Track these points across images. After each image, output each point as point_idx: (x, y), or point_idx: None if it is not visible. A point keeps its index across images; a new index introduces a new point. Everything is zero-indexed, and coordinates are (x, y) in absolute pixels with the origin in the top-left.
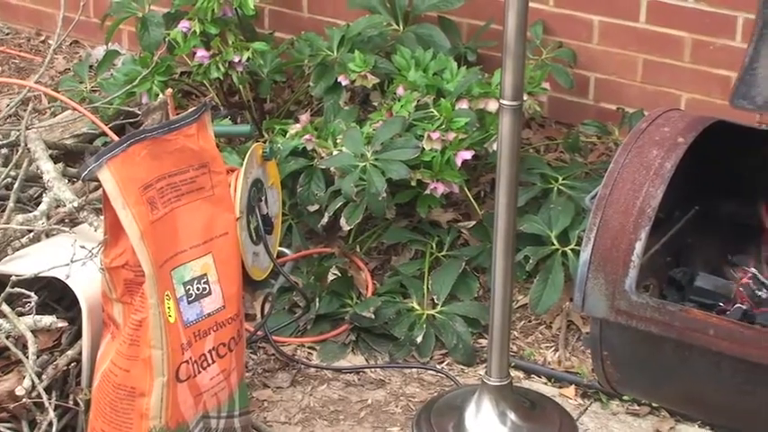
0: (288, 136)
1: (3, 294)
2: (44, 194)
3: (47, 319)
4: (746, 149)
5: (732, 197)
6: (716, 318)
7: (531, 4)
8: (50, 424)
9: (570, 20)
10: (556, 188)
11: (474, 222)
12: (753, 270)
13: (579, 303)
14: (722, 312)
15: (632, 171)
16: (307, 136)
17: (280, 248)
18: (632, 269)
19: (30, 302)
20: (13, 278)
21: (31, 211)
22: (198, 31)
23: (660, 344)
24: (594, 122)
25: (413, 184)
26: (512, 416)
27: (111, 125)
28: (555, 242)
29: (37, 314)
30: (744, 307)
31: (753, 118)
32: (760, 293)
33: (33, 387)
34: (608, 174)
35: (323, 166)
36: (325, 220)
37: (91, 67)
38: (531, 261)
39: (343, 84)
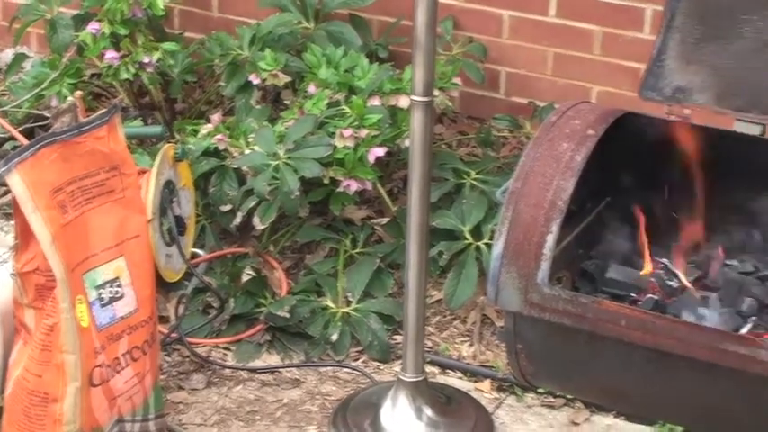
0: (199, 136)
1: None
2: None
3: None
4: (656, 141)
5: (643, 188)
6: (628, 308)
7: (440, 0)
8: None
9: (480, 15)
10: (468, 183)
11: (387, 219)
12: (664, 260)
13: (492, 297)
14: (634, 303)
15: (543, 164)
16: (219, 136)
17: (193, 249)
18: (544, 262)
19: None
20: None
21: None
22: (107, 32)
23: (573, 336)
24: (506, 117)
25: (326, 181)
26: (428, 411)
27: (20, 129)
28: (468, 237)
29: None
30: (655, 297)
31: (662, 109)
32: (671, 283)
33: None
34: (519, 167)
35: (235, 166)
36: (238, 219)
37: None
38: (444, 256)
39: (255, 83)
